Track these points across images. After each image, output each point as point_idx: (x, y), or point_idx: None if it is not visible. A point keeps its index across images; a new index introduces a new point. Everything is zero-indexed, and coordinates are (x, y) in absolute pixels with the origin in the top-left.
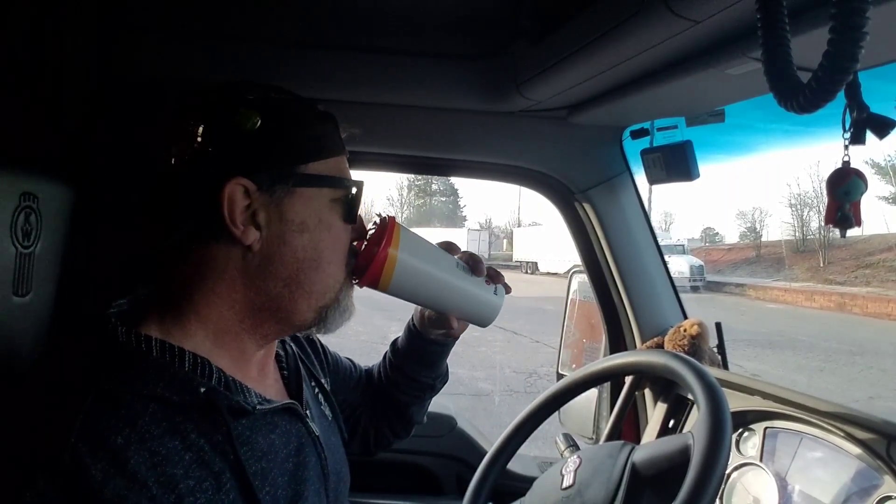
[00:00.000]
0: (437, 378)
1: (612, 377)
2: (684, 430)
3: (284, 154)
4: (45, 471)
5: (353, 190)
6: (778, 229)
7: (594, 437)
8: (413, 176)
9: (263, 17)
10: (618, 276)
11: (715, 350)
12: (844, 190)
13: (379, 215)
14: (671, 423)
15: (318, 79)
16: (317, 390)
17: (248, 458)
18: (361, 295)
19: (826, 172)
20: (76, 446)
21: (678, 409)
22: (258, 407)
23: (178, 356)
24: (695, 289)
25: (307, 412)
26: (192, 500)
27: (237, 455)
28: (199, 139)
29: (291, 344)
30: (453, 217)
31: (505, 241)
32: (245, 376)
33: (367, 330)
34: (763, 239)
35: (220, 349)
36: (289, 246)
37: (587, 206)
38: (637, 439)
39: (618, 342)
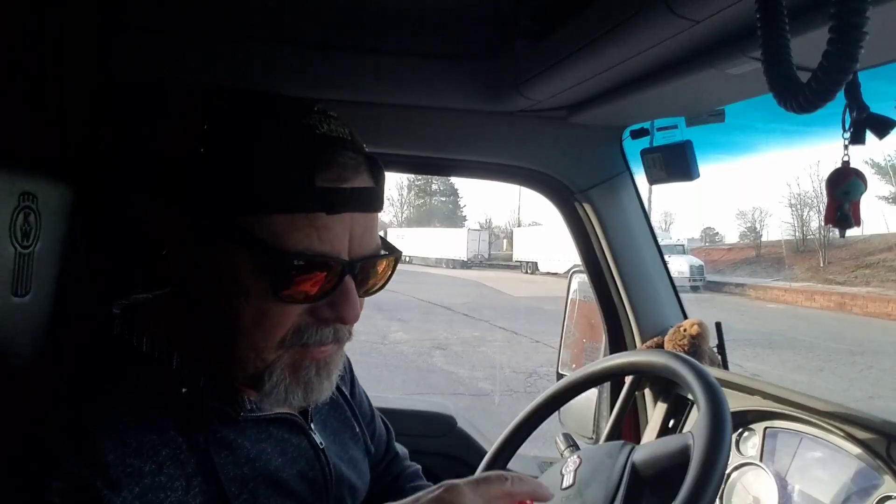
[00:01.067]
0: None
1: (612, 377)
2: (684, 430)
3: (214, 196)
4: (23, 453)
5: (280, 264)
6: (778, 229)
7: (594, 437)
8: (413, 176)
9: (263, 18)
10: (618, 276)
11: (715, 350)
12: (844, 190)
13: None
14: (671, 423)
15: (318, 79)
16: (337, 395)
17: (227, 463)
18: None
19: (826, 172)
20: (51, 427)
21: (678, 409)
22: (243, 415)
23: (167, 353)
24: (695, 289)
25: (311, 424)
26: (162, 496)
27: (211, 460)
28: (163, 153)
29: None
30: (453, 217)
31: (505, 241)
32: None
33: (368, 329)
34: (763, 239)
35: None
36: (202, 299)
37: (587, 206)
38: (637, 439)
39: (618, 342)
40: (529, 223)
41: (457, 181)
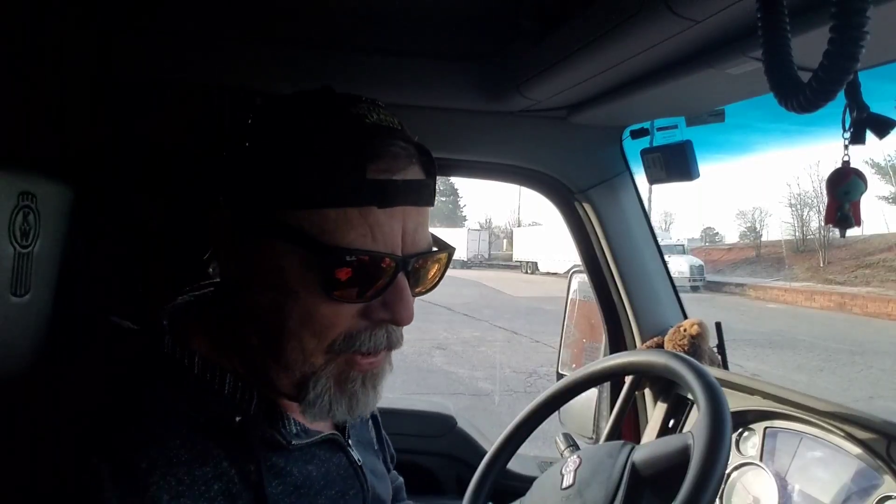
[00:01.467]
0: None
1: (612, 377)
2: (684, 430)
3: (262, 191)
4: (63, 485)
5: (333, 259)
6: (778, 229)
7: (594, 436)
8: None
9: (263, 18)
10: (618, 276)
11: (715, 350)
12: (844, 190)
13: None
14: (671, 423)
15: (318, 79)
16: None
17: (277, 493)
18: None
19: (826, 172)
20: (98, 466)
21: (678, 409)
22: (294, 442)
23: (219, 376)
24: (695, 289)
25: (349, 440)
26: None
27: (264, 492)
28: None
29: None
30: (453, 217)
31: (505, 241)
32: (286, 403)
33: None
34: (763, 239)
35: (256, 372)
36: (251, 299)
37: (587, 206)
38: (637, 439)
39: (618, 342)
40: (529, 223)
41: (457, 181)
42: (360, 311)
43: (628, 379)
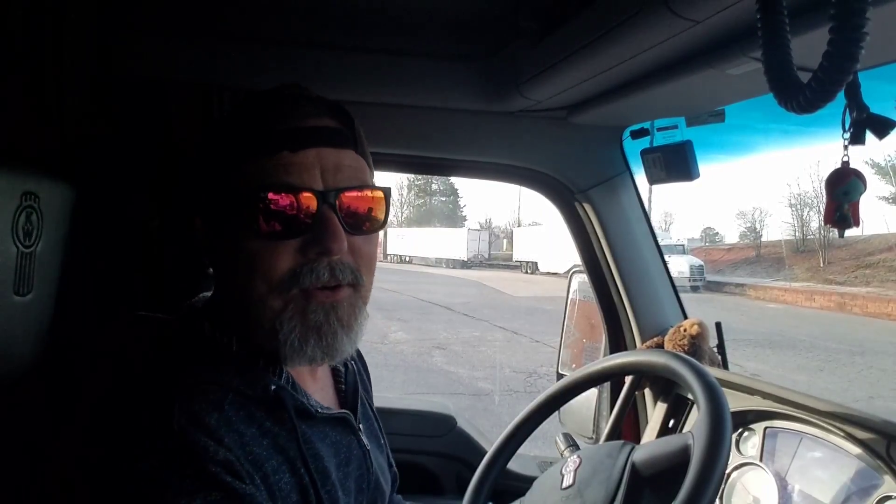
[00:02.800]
0: None
1: (612, 377)
2: (684, 430)
3: (201, 176)
4: (155, 442)
5: (254, 201)
6: (778, 229)
7: (594, 436)
8: (413, 176)
9: (263, 18)
10: (618, 276)
11: (715, 350)
12: (844, 190)
13: None
14: (671, 423)
15: (318, 79)
16: (369, 408)
17: (309, 456)
18: None
19: (826, 172)
20: (179, 421)
21: (678, 409)
22: (319, 411)
23: (253, 354)
24: (695, 289)
25: (360, 426)
26: (277, 478)
27: (302, 449)
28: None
29: (354, 360)
30: (453, 217)
31: (505, 241)
32: (302, 381)
33: (368, 329)
34: (763, 239)
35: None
36: (220, 273)
37: (587, 206)
38: (637, 439)
39: (618, 342)
40: (529, 223)
41: (457, 181)
42: (299, 249)
43: (628, 379)
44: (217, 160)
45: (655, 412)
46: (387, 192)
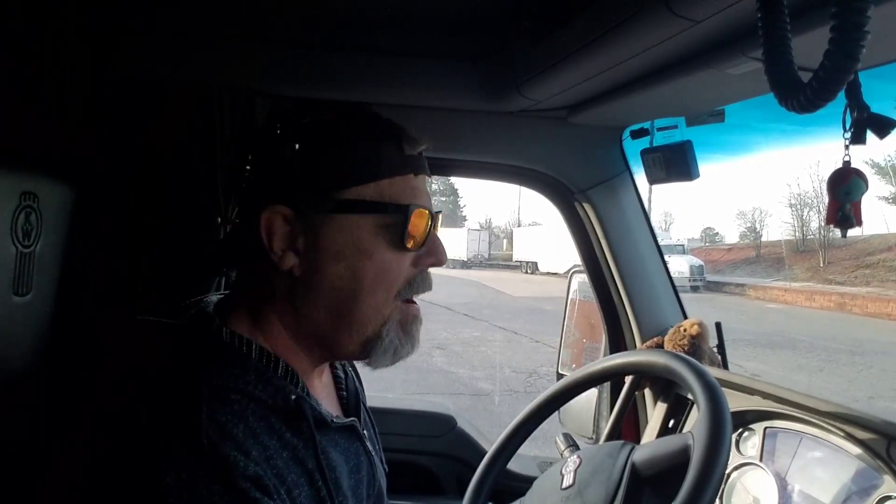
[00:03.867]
0: None
1: (612, 377)
2: (684, 430)
3: (321, 179)
4: (183, 454)
5: (404, 216)
6: (778, 229)
7: (594, 437)
8: None
9: (263, 18)
10: (618, 276)
11: (715, 350)
12: (845, 190)
13: None
14: (671, 423)
15: (318, 79)
16: (365, 412)
17: (326, 467)
18: None
19: (826, 172)
20: (208, 432)
21: (678, 409)
22: (334, 421)
23: (273, 362)
24: (695, 289)
25: (364, 432)
26: (297, 493)
27: (320, 461)
28: (245, 164)
29: (350, 367)
30: (453, 217)
31: (505, 241)
32: (313, 390)
33: None
34: (763, 239)
35: (288, 362)
36: (323, 274)
37: (587, 206)
38: (637, 439)
39: (618, 342)
40: (529, 223)
41: (457, 181)
42: (412, 261)
43: (628, 379)
44: (341, 168)
45: (655, 412)
46: (439, 213)
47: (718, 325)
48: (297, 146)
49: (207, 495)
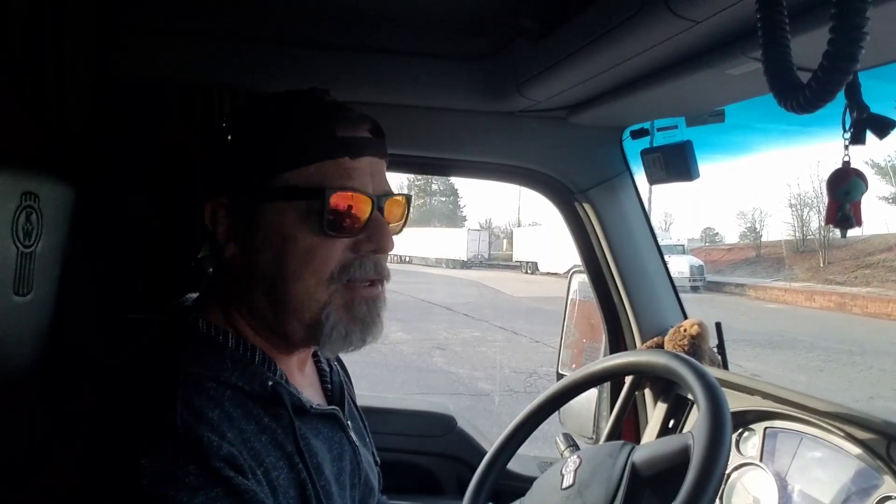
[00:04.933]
0: None
1: (612, 377)
2: (684, 430)
3: (253, 167)
4: (158, 438)
5: (321, 200)
6: (778, 229)
7: (594, 437)
8: (413, 176)
9: (263, 18)
10: (618, 276)
11: (715, 350)
12: (845, 190)
13: None
14: (671, 423)
15: (318, 79)
16: (353, 406)
17: (305, 451)
18: None
19: (826, 172)
20: (183, 416)
21: (678, 409)
22: (313, 407)
23: (249, 350)
24: (695, 289)
25: (348, 423)
26: (276, 474)
27: (299, 445)
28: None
29: (335, 362)
30: (453, 217)
31: (505, 241)
32: (292, 378)
33: None
34: (763, 239)
35: (264, 351)
36: (256, 262)
37: (587, 206)
38: (637, 439)
39: (618, 342)
40: (529, 223)
41: (457, 181)
42: (349, 247)
43: (628, 379)
44: (270, 156)
45: (655, 412)
46: (409, 198)
47: (718, 325)
48: (229, 136)
49: (182, 475)
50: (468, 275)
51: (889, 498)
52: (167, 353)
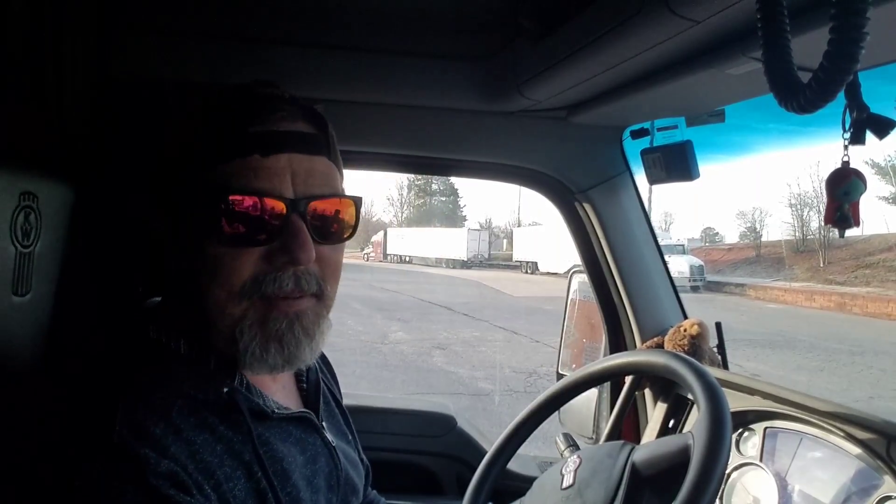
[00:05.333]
0: None
1: (612, 377)
2: (684, 430)
3: (172, 169)
4: (91, 456)
5: (216, 205)
6: (778, 229)
7: (594, 437)
8: (413, 176)
9: (263, 18)
10: (618, 276)
11: (715, 350)
12: (844, 190)
13: None
14: (671, 423)
15: (318, 79)
16: (334, 405)
17: (267, 458)
18: (362, 294)
19: (826, 173)
20: (121, 432)
21: (678, 409)
22: (276, 412)
23: (204, 356)
24: (695, 289)
25: (323, 423)
26: (230, 486)
27: (258, 452)
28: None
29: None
30: (453, 217)
31: (505, 241)
32: (259, 382)
33: (368, 330)
34: (763, 239)
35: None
36: (176, 271)
37: (587, 206)
38: (637, 439)
39: (618, 342)
40: (529, 223)
41: (457, 181)
42: (264, 257)
43: (628, 379)
44: (187, 158)
45: (655, 412)
46: (357, 200)
47: (718, 325)
48: (160, 136)
49: (118, 494)
50: (468, 275)
51: (889, 498)
52: (114, 364)
